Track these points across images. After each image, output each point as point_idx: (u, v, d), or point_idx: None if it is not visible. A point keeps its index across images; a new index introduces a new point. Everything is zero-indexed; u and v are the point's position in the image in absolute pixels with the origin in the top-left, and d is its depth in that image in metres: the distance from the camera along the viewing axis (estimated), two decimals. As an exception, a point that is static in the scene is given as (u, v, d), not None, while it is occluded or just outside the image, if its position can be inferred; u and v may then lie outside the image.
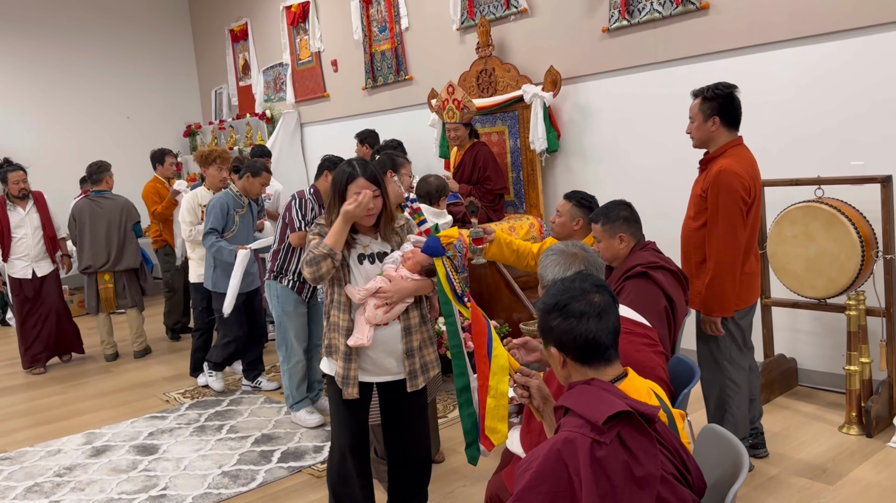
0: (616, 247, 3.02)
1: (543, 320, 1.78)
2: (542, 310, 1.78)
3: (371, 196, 2.66)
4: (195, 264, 5.26)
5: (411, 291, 2.70)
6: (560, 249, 2.43)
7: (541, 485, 1.57)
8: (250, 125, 8.69)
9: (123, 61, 9.66)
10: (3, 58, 8.75)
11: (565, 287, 1.78)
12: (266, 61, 8.76)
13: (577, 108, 5.34)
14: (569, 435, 1.59)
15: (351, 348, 2.72)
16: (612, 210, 3.04)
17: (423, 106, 6.42)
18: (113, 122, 9.58)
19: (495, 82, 5.62)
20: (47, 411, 5.08)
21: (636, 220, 3.06)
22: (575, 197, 3.44)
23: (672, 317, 2.88)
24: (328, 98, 7.84)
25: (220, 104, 9.94)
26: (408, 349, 2.76)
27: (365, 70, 7.15)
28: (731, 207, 3.09)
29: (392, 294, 2.67)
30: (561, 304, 1.73)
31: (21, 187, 5.86)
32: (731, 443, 1.89)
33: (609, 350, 1.76)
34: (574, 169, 5.44)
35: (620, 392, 1.69)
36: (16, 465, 4.11)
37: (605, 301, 1.75)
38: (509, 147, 5.64)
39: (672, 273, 2.94)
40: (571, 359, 1.74)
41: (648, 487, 1.55)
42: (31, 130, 8.83)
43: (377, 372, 2.78)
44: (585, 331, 1.71)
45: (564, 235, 3.45)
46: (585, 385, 1.71)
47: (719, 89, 3.19)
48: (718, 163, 3.16)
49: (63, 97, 9.20)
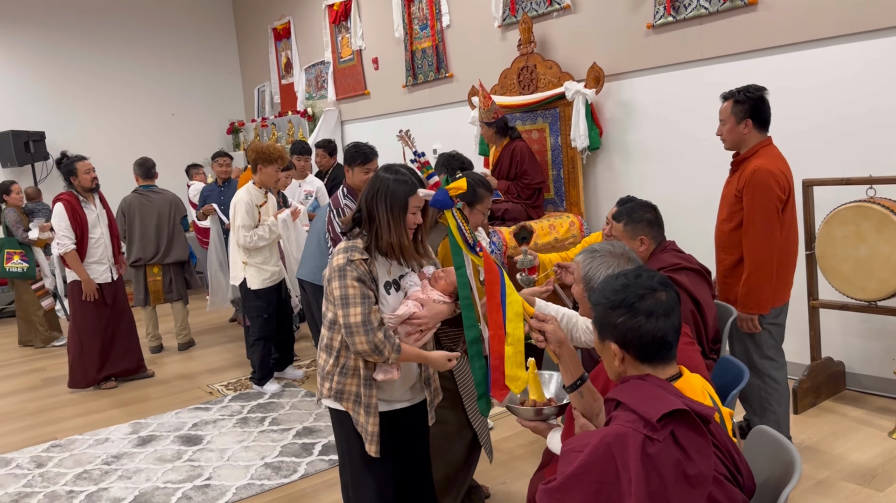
0: (636, 249, 2.99)
1: (605, 316, 1.74)
2: (605, 306, 1.73)
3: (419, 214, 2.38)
4: (255, 271, 4.89)
5: (445, 315, 2.44)
6: (608, 249, 2.40)
7: (588, 474, 1.56)
8: (292, 123, 8.78)
9: (169, 61, 9.85)
10: (55, 58, 8.97)
11: (629, 282, 1.74)
12: (308, 59, 8.85)
13: (619, 106, 5.29)
14: (620, 429, 1.57)
15: (371, 395, 2.40)
16: (637, 211, 3.02)
17: (463, 103, 6.42)
18: (159, 119, 9.77)
19: (537, 79, 5.59)
20: (94, 400, 5.21)
21: (660, 225, 3.04)
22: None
23: (701, 318, 2.85)
24: (369, 96, 7.89)
25: (262, 102, 10.07)
26: (426, 377, 2.55)
27: (405, 67, 7.18)
28: (768, 206, 3.17)
29: (429, 320, 2.39)
30: (628, 302, 1.70)
31: (94, 176, 5.37)
32: (781, 445, 1.86)
33: (672, 349, 1.74)
34: (616, 167, 5.39)
35: (676, 390, 1.67)
36: (66, 453, 4.22)
37: (671, 299, 1.73)
38: (550, 144, 5.61)
39: (695, 271, 2.91)
40: (632, 356, 1.72)
41: (700, 486, 1.53)
42: (79, 128, 9.05)
43: (394, 399, 2.50)
44: (654, 329, 1.68)
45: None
46: (640, 380, 1.69)
47: (751, 92, 3.28)
48: (752, 163, 3.23)
49: (111, 95, 9.40)
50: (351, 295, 2.25)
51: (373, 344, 2.25)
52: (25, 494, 3.71)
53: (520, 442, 3.95)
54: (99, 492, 3.66)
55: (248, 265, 4.89)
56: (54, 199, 5.33)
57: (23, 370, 6.17)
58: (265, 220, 4.86)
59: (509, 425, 4.19)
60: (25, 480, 3.88)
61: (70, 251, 5.20)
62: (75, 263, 5.25)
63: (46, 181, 8.74)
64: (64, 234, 5.18)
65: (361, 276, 2.27)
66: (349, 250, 2.31)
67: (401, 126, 6.48)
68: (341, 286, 2.26)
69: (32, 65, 8.83)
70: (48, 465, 4.05)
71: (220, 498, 3.52)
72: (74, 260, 5.25)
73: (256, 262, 4.89)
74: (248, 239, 4.77)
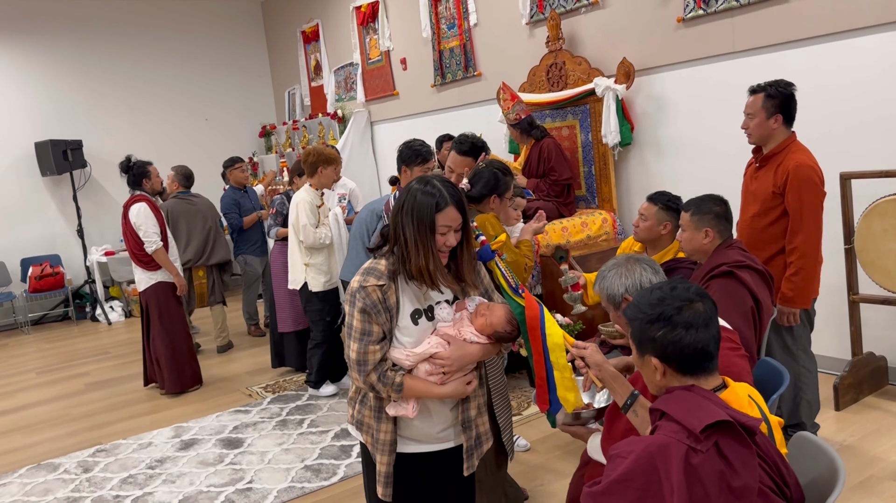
0: (699, 240, 2.97)
1: (643, 330, 1.72)
2: (643, 321, 1.72)
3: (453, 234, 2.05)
4: (315, 272, 4.86)
5: (475, 358, 2.10)
6: (612, 264, 2.38)
7: (631, 482, 1.57)
8: (322, 125, 8.85)
9: (201, 67, 9.98)
10: (91, 69, 9.16)
11: (664, 295, 1.72)
12: (337, 61, 8.90)
13: (651, 100, 5.24)
14: (664, 439, 1.57)
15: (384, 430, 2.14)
16: (705, 203, 2.99)
17: (492, 102, 6.41)
18: (192, 124, 9.91)
19: (566, 76, 5.57)
20: (137, 405, 5.33)
21: (727, 219, 2.99)
22: (661, 200, 3.35)
23: (758, 319, 2.81)
24: (397, 96, 7.91)
25: (293, 105, 10.17)
26: (465, 419, 2.18)
27: (434, 67, 7.19)
28: (815, 201, 3.22)
29: (452, 362, 2.05)
30: (666, 315, 1.68)
31: (161, 180, 5.45)
32: (824, 451, 1.84)
33: (714, 360, 1.73)
34: (648, 162, 5.34)
35: (721, 401, 1.66)
36: (111, 457, 4.33)
37: (709, 309, 1.71)
38: (580, 141, 5.58)
39: (759, 272, 2.88)
40: (673, 369, 1.71)
41: (745, 499, 1.53)
42: (115, 136, 9.23)
43: (423, 439, 2.18)
44: (694, 341, 1.67)
45: (651, 239, 3.40)
46: (685, 391, 1.68)
47: (782, 87, 3.32)
48: (791, 158, 3.25)
49: (145, 103, 9.57)
50: (354, 327, 2.03)
51: (367, 384, 2.05)
52: (74, 499, 3.81)
53: (556, 442, 3.95)
54: (144, 497, 3.75)
55: (310, 267, 4.87)
56: (129, 201, 5.31)
57: (66, 376, 6.33)
58: (324, 221, 4.89)
59: (546, 427, 4.19)
60: (73, 485, 3.99)
61: (160, 248, 5.24)
62: (166, 261, 5.28)
63: (84, 188, 8.93)
64: (153, 231, 5.20)
65: (367, 307, 2.01)
66: (368, 273, 2.05)
67: (430, 126, 6.52)
68: (350, 314, 2.06)
69: (69, 75, 9.02)
70: (94, 470, 4.16)
71: (262, 501, 3.57)
72: (165, 257, 5.28)
73: (317, 263, 4.87)
74: (315, 236, 4.77)
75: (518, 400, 4.59)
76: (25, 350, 7.50)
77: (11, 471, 4.27)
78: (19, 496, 3.91)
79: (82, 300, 8.87)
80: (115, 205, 8.80)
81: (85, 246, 8.79)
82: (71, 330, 8.28)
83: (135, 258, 5.34)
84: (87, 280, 8.83)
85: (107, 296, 8.80)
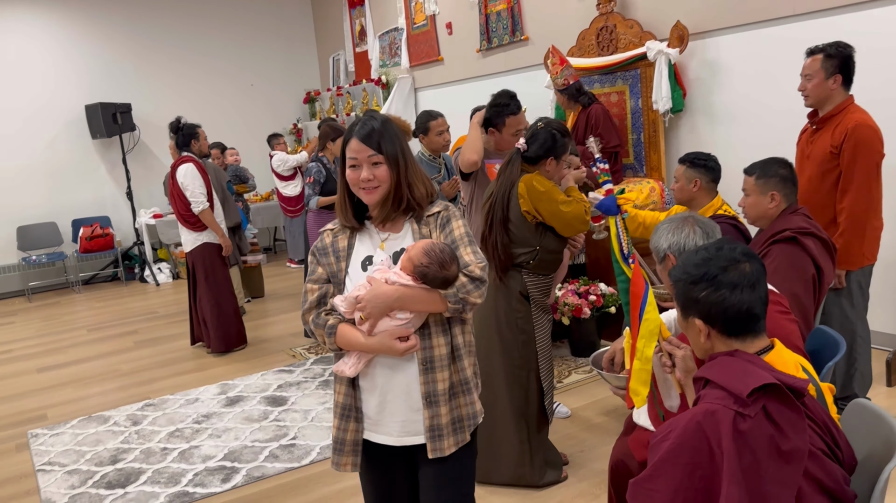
0: (765, 205, 2.87)
1: (687, 291, 1.69)
2: (686, 281, 1.68)
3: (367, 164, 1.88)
4: None
5: (389, 299, 1.82)
6: (670, 218, 2.36)
7: (679, 457, 1.53)
8: (366, 91, 8.83)
9: (247, 32, 10.00)
10: (141, 33, 9.24)
11: (711, 255, 1.68)
12: (382, 27, 8.84)
13: (704, 65, 5.08)
14: (710, 406, 1.54)
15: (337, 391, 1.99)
16: (771, 166, 2.88)
17: (538, 67, 6.30)
18: (238, 90, 9.97)
19: (616, 40, 5.43)
20: (184, 362, 5.44)
21: (793, 183, 2.89)
22: (688, 158, 3.28)
23: (818, 288, 2.73)
24: (442, 62, 7.83)
25: (337, 71, 10.15)
26: (428, 394, 1.89)
27: (480, 32, 7.09)
28: (870, 162, 3.18)
29: (366, 303, 1.83)
30: (710, 275, 1.64)
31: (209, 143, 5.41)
32: (882, 419, 1.78)
33: (760, 321, 1.68)
34: (700, 129, 5.20)
35: (766, 364, 1.62)
36: (159, 412, 4.44)
37: (756, 269, 1.66)
38: (630, 107, 5.46)
39: (822, 241, 2.79)
40: (718, 331, 1.67)
41: (795, 462, 1.48)
42: (163, 100, 9.33)
43: (395, 429, 1.94)
44: (739, 302, 1.62)
45: (686, 200, 3.33)
46: (728, 356, 1.64)
47: (842, 47, 3.26)
48: (849, 118, 3.20)
49: (192, 68, 9.64)
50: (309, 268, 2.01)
51: (305, 324, 1.95)
52: (123, 450, 3.92)
53: (597, 410, 3.92)
54: (191, 450, 3.84)
55: None
56: (177, 162, 5.38)
57: (116, 333, 6.49)
58: None
59: (589, 393, 4.16)
60: (123, 437, 4.10)
61: (206, 209, 5.31)
62: (212, 222, 5.34)
63: (133, 151, 9.07)
64: (200, 191, 5.26)
65: (315, 249, 1.99)
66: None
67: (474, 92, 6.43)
68: None
69: (119, 40, 9.12)
70: (143, 423, 4.27)
71: (305, 457, 3.63)
72: (211, 218, 5.34)
73: None
74: None
75: (559, 368, 4.56)
76: (76, 308, 7.72)
77: (64, 422, 4.41)
78: (72, 445, 4.04)
79: (131, 261, 9.07)
80: (163, 168, 8.93)
81: (134, 208, 8.96)
82: (120, 290, 8.49)
83: (181, 219, 5.42)
84: (135, 242, 9.02)
85: (155, 258, 8.99)
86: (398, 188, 1.91)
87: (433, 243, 1.85)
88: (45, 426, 4.38)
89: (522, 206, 3.01)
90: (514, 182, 3.05)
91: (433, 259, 1.82)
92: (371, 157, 1.87)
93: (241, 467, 3.61)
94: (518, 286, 3.09)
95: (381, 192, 1.90)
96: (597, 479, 3.22)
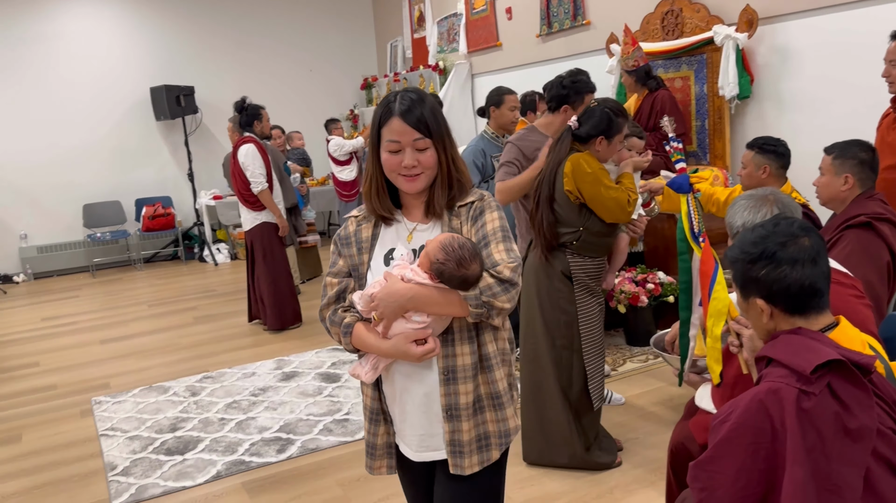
0: (837, 186, 2.77)
1: (745, 271, 1.63)
2: (744, 260, 1.63)
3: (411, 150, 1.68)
4: None
5: (403, 297, 1.62)
6: (749, 194, 2.27)
7: (741, 437, 1.49)
8: (423, 77, 8.83)
9: (306, 17, 10.10)
10: (205, 18, 9.42)
11: (768, 232, 1.62)
12: (441, 12, 8.82)
13: (774, 51, 4.92)
14: (773, 385, 1.49)
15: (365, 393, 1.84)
16: (851, 148, 2.78)
17: (600, 52, 6.19)
18: (297, 75, 10.08)
19: (682, 24, 5.30)
20: (241, 338, 5.55)
21: (872, 168, 2.78)
22: (757, 144, 3.19)
23: (893, 275, 2.62)
24: (500, 47, 7.77)
25: (395, 57, 10.18)
26: (449, 406, 1.70)
27: (540, 16, 7.01)
28: None
29: (378, 302, 1.65)
30: (769, 252, 1.59)
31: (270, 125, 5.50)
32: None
33: (824, 296, 1.62)
34: (767, 117, 5.04)
35: (831, 341, 1.57)
36: (217, 384, 4.53)
37: (816, 244, 1.60)
38: (694, 93, 5.32)
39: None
40: (780, 310, 1.61)
41: (862, 440, 1.43)
42: (224, 83, 9.49)
43: (414, 442, 1.79)
44: (801, 278, 1.57)
45: (753, 186, 3.23)
46: (791, 334, 1.58)
47: None
48: None
49: (253, 52, 9.78)
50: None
51: (322, 320, 1.81)
52: (182, 419, 4.02)
53: (653, 399, 3.86)
54: (247, 421, 3.91)
55: None
56: (239, 142, 5.50)
57: (175, 309, 6.65)
58: None
59: (644, 382, 4.10)
60: (182, 406, 4.20)
61: (265, 189, 5.40)
62: (270, 202, 5.45)
63: (195, 134, 9.27)
64: (260, 172, 5.36)
65: (338, 238, 1.82)
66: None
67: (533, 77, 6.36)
68: None
69: (184, 24, 9.32)
70: (201, 394, 4.36)
71: (358, 432, 3.66)
72: (269, 198, 5.44)
73: None
74: None
75: (613, 356, 4.50)
76: (138, 285, 7.94)
77: (126, 391, 4.54)
78: (133, 413, 4.16)
79: (191, 241, 9.28)
80: (223, 151, 9.09)
81: (195, 189, 9.16)
82: (180, 268, 8.70)
83: (241, 198, 5.51)
84: (195, 222, 9.22)
85: (214, 238, 9.18)
86: (448, 174, 1.72)
87: (453, 237, 1.64)
88: (107, 394, 4.52)
89: (565, 186, 2.98)
90: (562, 160, 3.01)
91: (450, 255, 1.62)
92: (417, 142, 1.66)
93: (296, 439, 3.66)
94: (560, 266, 3.07)
95: (424, 179, 1.70)
96: (652, 466, 3.16)
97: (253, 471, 3.39)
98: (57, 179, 8.72)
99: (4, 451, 3.84)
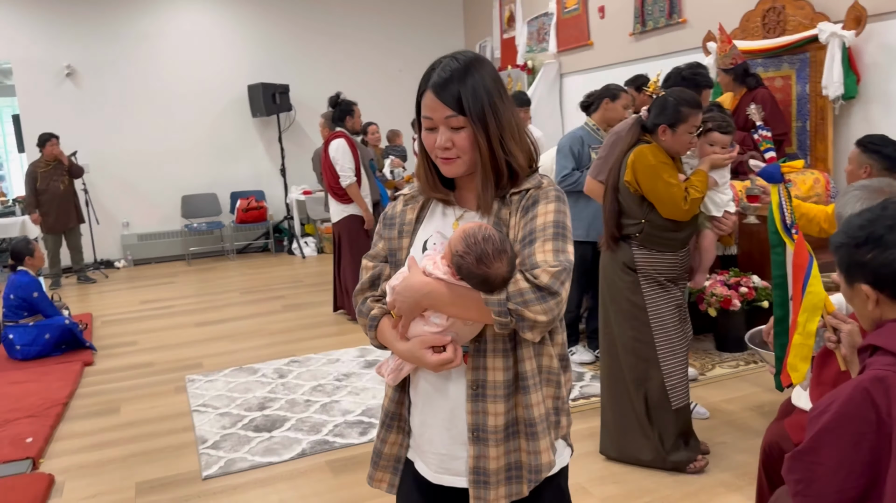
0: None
1: (850, 255, 1.55)
2: (849, 244, 1.55)
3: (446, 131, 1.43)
4: None
5: (419, 293, 1.38)
6: (863, 185, 2.17)
7: (844, 427, 1.41)
8: (511, 77, 8.83)
9: (397, 17, 10.27)
10: (300, 17, 9.72)
11: (874, 216, 1.54)
12: (531, 12, 8.80)
13: (883, 50, 4.68)
14: (879, 373, 1.41)
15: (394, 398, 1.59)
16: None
17: (696, 50, 6.04)
18: (387, 74, 10.25)
19: (784, 21, 5.11)
20: (326, 326, 5.69)
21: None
22: (863, 142, 3.03)
23: None
24: (591, 46, 7.69)
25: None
26: (476, 426, 1.43)
27: (634, 14, 6.90)
28: None
29: (395, 296, 1.43)
30: (876, 235, 1.50)
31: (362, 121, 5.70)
32: None
33: None
34: (873, 119, 4.80)
35: None
36: (303, 368, 4.66)
37: None
38: (796, 93, 5.12)
39: None
40: (888, 295, 1.52)
41: None
42: (318, 82, 9.74)
43: (434, 462, 1.52)
44: None
45: None
46: None
47: None
48: None
49: (345, 52, 10.02)
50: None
51: (354, 306, 1.58)
52: (270, 399, 4.15)
53: (742, 405, 3.73)
54: (331, 404, 4.01)
55: None
56: (330, 136, 5.69)
57: (265, 297, 6.88)
58: None
59: (734, 387, 3.98)
60: (270, 387, 4.34)
61: (353, 183, 5.56)
62: (357, 196, 5.59)
63: (289, 131, 9.56)
64: (349, 166, 5.51)
65: (384, 217, 1.60)
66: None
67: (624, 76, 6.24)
68: None
69: (280, 24, 9.64)
70: (288, 377, 4.50)
71: (439, 421, 3.70)
72: (357, 192, 5.59)
73: None
74: None
75: (702, 361, 4.38)
76: (230, 273, 8.25)
77: (218, 371, 4.73)
78: (224, 391, 4.33)
79: (281, 234, 9.58)
80: (314, 147, 9.32)
81: (286, 184, 9.46)
82: (269, 260, 8.99)
83: (331, 191, 5.66)
84: (286, 216, 9.52)
85: (302, 232, 9.46)
86: (493, 161, 1.43)
87: (479, 227, 1.37)
88: (200, 373, 4.72)
89: (626, 176, 2.94)
90: (628, 149, 2.99)
91: (470, 248, 1.34)
92: (449, 119, 1.41)
93: (377, 423, 3.71)
94: (623, 257, 3.04)
95: (461, 164, 1.44)
96: (739, 471, 3.06)
97: (336, 450, 3.48)
98: (158, 172, 9.16)
99: (104, 421, 4.07)
